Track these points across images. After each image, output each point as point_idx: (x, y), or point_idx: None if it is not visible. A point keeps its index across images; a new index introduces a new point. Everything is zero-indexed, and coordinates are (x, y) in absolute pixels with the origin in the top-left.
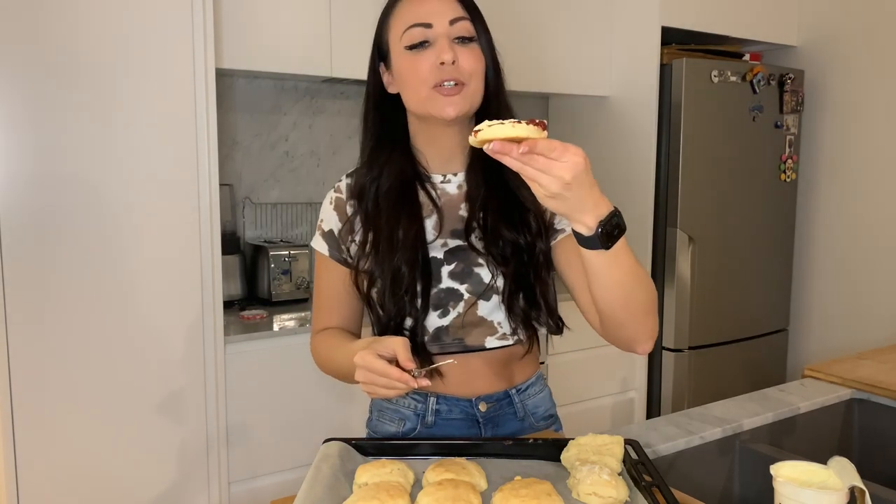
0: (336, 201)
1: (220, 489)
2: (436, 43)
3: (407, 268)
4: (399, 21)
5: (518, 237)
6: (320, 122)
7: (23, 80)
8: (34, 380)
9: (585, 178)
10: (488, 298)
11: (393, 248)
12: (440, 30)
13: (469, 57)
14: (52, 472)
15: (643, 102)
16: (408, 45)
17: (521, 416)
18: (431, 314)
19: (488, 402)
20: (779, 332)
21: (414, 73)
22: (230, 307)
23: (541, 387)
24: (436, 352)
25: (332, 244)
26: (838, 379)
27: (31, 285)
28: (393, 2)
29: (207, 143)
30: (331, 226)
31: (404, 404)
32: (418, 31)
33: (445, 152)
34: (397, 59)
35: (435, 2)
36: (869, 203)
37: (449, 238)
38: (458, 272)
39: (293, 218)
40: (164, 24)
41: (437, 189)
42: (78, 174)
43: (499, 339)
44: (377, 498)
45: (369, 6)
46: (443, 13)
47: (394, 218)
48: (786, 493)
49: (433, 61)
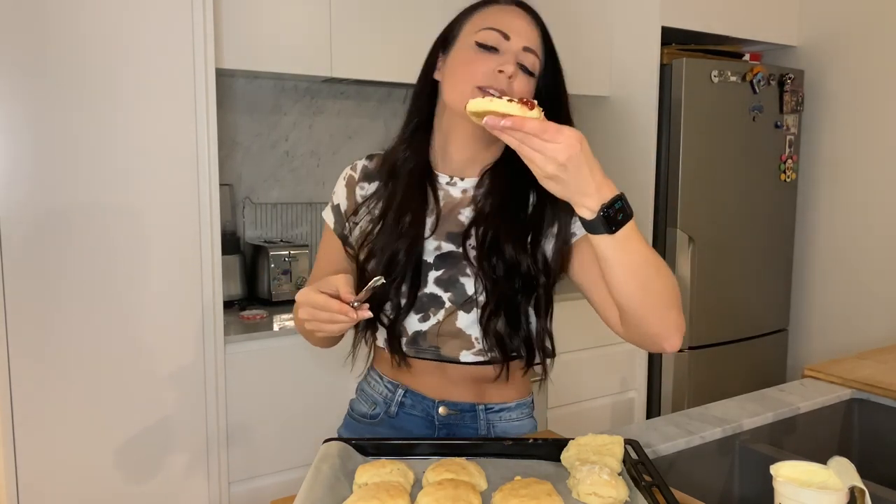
0: (349, 180)
1: (220, 489)
2: (504, 55)
3: (404, 255)
4: (481, 18)
5: (520, 260)
6: (320, 122)
7: (23, 80)
8: (34, 379)
9: (583, 160)
10: (468, 311)
11: (397, 230)
12: (514, 47)
13: (525, 84)
14: (51, 472)
15: (643, 102)
16: (479, 42)
17: (482, 434)
18: (412, 317)
19: (450, 409)
20: (779, 332)
21: (468, 67)
22: (230, 307)
23: (521, 414)
24: (412, 355)
25: (338, 219)
26: (838, 379)
27: (30, 285)
28: (480, 3)
29: (207, 143)
30: (339, 201)
31: (378, 390)
32: (494, 36)
33: (463, 156)
34: (460, 49)
35: (523, 22)
36: (869, 203)
37: (443, 241)
38: (444, 279)
39: (293, 218)
40: (164, 24)
41: (441, 189)
42: (78, 174)
43: (474, 355)
44: (377, 498)
45: (369, 6)
46: (523, 35)
47: (406, 202)
48: (786, 493)
49: (492, 67)
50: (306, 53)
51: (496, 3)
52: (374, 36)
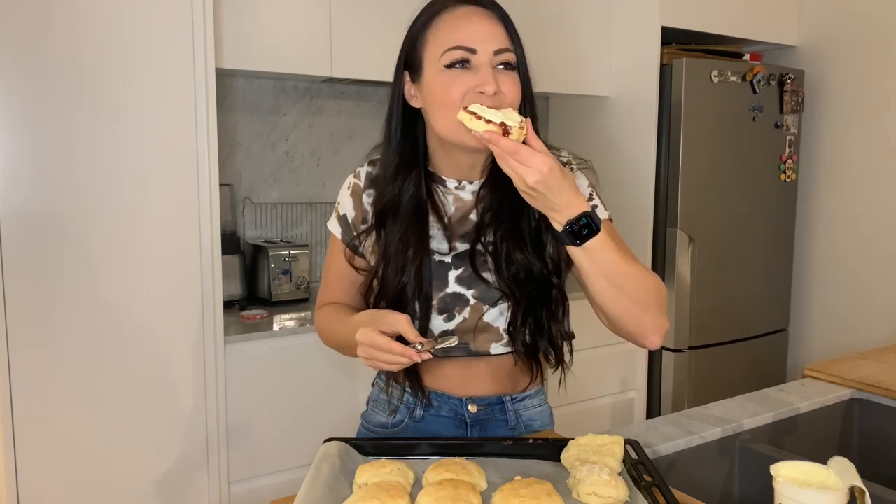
0: (353, 188)
1: (220, 489)
2: (477, 69)
3: (410, 288)
4: (439, 38)
5: (532, 263)
6: (320, 122)
7: (23, 80)
8: (34, 379)
9: (553, 183)
10: (495, 305)
11: (400, 268)
12: (484, 58)
13: (511, 86)
14: (52, 472)
15: (643, 102)
16: (447, 64)
17: (512, 425)
18: (437, 318)
19: (479, 405)
20: (779, 332)
21: (446, 94)
22: (230, 307)
23: (540, 401)
24: (441, 355)
25: (345, 229)
26: (838, 379)
27: (30, 284)
28: (431, 13)
29: (207, 143)
30: (345, 211)
31: (398, 397)
32: (460, 54)
33: (464, 168)
34: (431, 78)
35: (482, 24)
36: (869, 203)
37: (459, 242)
38: (465, 277)
39: (293, 218)
40: (164, 24)
41: (451, 194)
42: (78, 174)
43: (504, 346)
44: (377, 498)
45: (369, 6)
46: (488, 40)
47: (405, 239)
48: (786, 493)
49: (471, 86)
50: (306, 53)
51: (447, 10)
52: (374, 36)
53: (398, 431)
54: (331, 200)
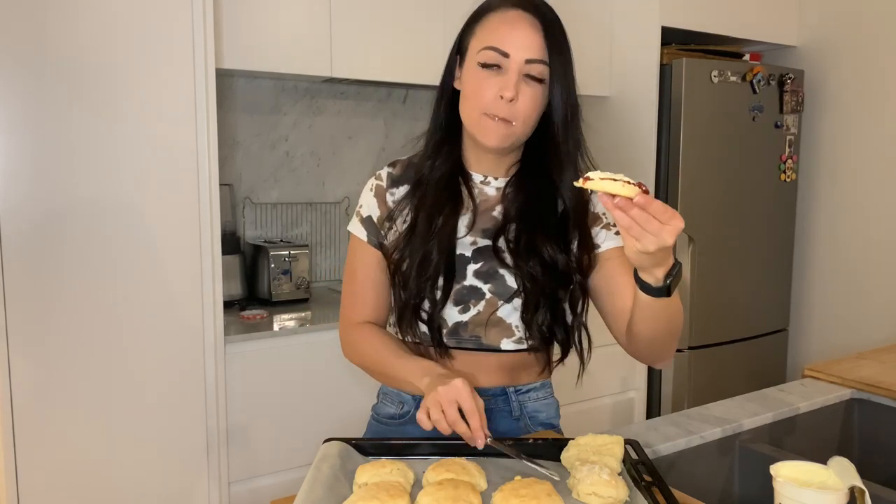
0: (377, 189)
1: (220, 489)
2: (506, 73)
3: (437, 254)
4: (483, 35)
5: (557, 258)
6: (320, 122)
7: (23, 80)
8: (34, 380)
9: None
10: (510, 301)
11: (429, 233)
12: (514, 64)
13: (529, 98)
14: (52, 473)
15: (643, 102)
16: (481, 63)
17: (516, 416)
18: (452, 308)
19: (483, 396)
20: (779, 332)
21: (476, 91)
22: (230, 307)
23: (545, 393)
24: (452, 346)
25: (371, 230)
26: (838, 379)
27: (30, 284)
28: (486, 7)
29: (207, 143)
30: (370, 212)
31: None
32: (493, 55)
33: (490, 163)
34: (469, 69)
35: (523, 32)
36: (869, 203)
37: (479, 237)
38: (484, 272)
39: (293, 218)
40: (164, 24)
41: (476, 187)
42: (78, 174)
43: (515, 343)
44: (377, 498)
45: (369, 6)
46: (523, 47)
47: (437, 206)
48: (786, 493)
49: (496, 91)
50: (306, 53)
51: (499, 10)
52: (374, 36)
53: (406, 422)
54: (331, 200)
